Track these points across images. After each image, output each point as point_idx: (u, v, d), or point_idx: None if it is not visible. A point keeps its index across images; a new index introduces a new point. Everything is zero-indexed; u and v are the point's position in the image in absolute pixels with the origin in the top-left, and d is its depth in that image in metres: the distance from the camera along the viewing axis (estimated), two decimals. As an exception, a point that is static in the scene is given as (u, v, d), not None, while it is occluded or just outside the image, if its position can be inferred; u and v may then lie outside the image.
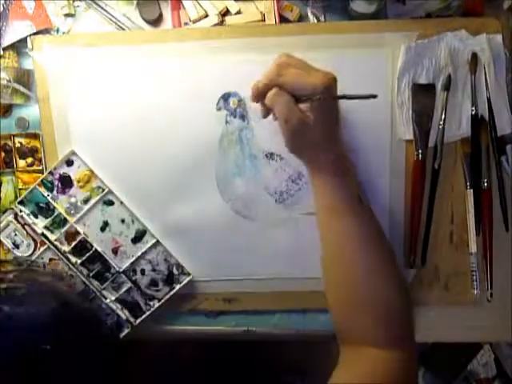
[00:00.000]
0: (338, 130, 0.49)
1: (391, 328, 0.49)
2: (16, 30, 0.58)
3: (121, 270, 0.59)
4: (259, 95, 0.48)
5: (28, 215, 0.59)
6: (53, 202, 0.59)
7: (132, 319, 0.60)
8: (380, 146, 0.57)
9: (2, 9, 0.58)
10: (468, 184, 0.57)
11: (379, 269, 0.49)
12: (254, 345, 0.62)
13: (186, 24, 0.59)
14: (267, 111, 0.50)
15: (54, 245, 0.59)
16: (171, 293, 0.59)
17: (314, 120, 0.46)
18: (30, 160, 0.60)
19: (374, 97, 0.43)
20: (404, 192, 0.58)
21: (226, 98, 0.57)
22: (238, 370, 0.74)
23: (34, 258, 0.60)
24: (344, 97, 0.46)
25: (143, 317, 0.60)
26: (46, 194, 0.59)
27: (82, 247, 0.59)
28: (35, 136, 0.59)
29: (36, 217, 0.59)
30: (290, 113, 0.45)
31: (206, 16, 0.58)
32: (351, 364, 0.48)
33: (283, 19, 0.58)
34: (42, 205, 0.59)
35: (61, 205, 0.59)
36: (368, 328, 0.48)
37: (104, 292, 0.60)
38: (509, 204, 0.57)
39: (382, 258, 0.49)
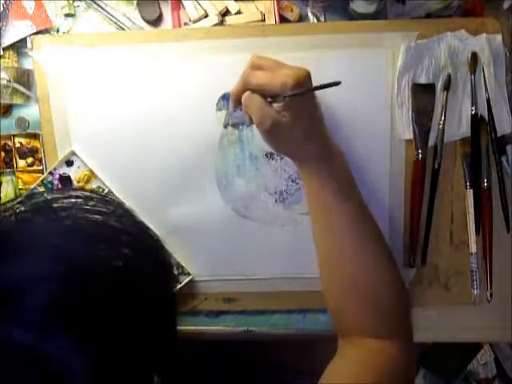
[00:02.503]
0: (319, 123, 0.48)
1: (388, 318, 0.49)
2: (16, 29, 0.58)
3: (121, 269, 0.59)
4: (236, 101, 0.49)
5: (28, 215, 0.59)
6: (53, 202, 0.59)
7: (132, 319, 0.60)
8: (380, 146, 0.57)
9: (1, 9, 0.58)
10: (468, 184, 0.57)
11: (375, 257, 0.49)
12: (253, 345, 0.62)
13: (185, 24, 0.59)
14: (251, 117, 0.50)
15: (53, 245, 0.59)
16: (171, 293, 0.59)
17: (290, 118, 0.45)
18: (30, 160, 0.60)
19: (337, 84, 0.41)
20: (404, 192, 0.58)
21: (226, 98, 0.57)
22: (238, 370, 0.74)
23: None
24: (309, 89, 0.45)
25: (143, 317, 0.60)
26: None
27: (82, 247, 0.59)
28: (35, 136, 0.59)
29: (36, 217, 0.59)
30: (263, 114, 0.46)
31: (206, 16, 0.58)
32: (348, 354, 0.48)
33: (283, 19, 0.58)
34: (41, 205, 0.59)
35: (61, 205, 0.59)
36: (365, 317, 0.48)
37: (104, 292, 0.60)
38: (509, 204, 0.57)
39: (376, 246, 0.49)
